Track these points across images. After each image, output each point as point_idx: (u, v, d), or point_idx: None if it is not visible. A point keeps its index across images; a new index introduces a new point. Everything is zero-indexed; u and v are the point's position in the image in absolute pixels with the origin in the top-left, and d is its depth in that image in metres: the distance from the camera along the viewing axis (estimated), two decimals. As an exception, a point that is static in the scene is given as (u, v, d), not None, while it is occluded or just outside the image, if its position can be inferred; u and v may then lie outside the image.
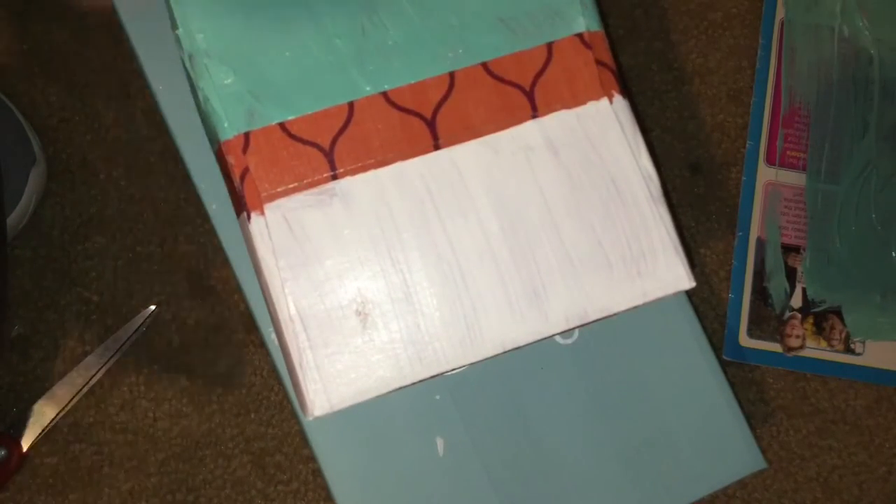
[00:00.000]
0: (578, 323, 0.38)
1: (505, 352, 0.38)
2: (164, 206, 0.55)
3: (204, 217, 0.54)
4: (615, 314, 0.39)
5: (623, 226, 0.39)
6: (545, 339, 0.39)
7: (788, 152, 0.56)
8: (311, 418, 0.37)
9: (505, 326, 0.38)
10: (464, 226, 0.38)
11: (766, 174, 0.56)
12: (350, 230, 0.38)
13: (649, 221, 0.39)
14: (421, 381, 0.38)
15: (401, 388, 0.38)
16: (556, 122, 0.39)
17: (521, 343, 0.38)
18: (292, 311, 0.37)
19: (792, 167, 0.56)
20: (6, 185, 0.51)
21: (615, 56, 0.56)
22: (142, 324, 0.54)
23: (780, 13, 0.57)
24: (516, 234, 0.38)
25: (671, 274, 0.39)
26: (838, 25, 0.56)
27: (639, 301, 0.39)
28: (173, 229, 0.55)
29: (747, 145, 0.57)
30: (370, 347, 0.37)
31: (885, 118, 0.55)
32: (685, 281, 0.39)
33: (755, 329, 0.55)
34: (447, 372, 0.38)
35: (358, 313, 0.37)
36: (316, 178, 0.38)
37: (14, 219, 0.51)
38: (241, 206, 0.38)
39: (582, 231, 0.39)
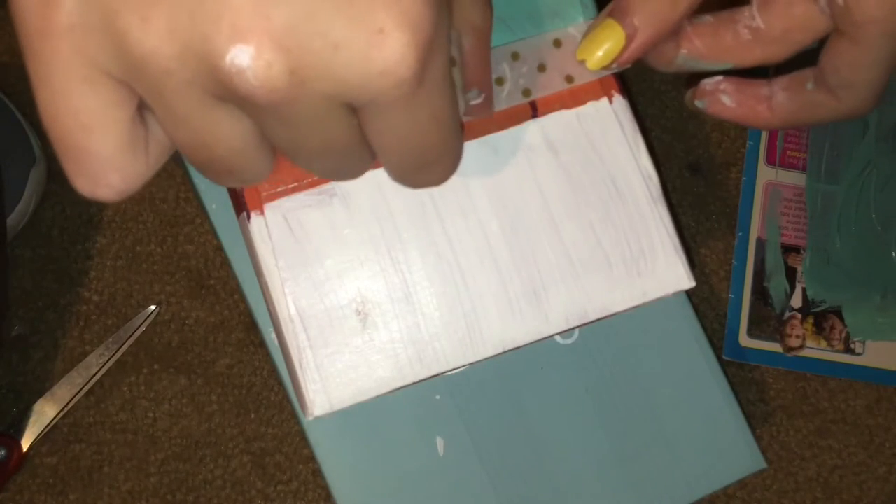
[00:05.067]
0: (578, 323, 0.38)
1: (505, 352, 0.38)
2: (164, 206, 0.55)
3: (204, 217, 0.54)
4: (615, 314, 0.39)
5: (623, 225, 0.39)
6: (545, 339, 0.39)
7: (788, 152, 0.56)
8: (310, 418, 0.37)
9: (505, 326, 0.38)
10: (463, 225, 0.38)
11: (766, 174, 0.56)
12: (350, 230, 0.38)
13: (649, 221, 0.39)
14: (421, 380, 0.38)
15: (401, 389, 0.38)
16: (556, 122, 0.39)
17: (521, 343, 0.38)
18: (292, 310, 0.37)
19: (792, 167, 0.56)
20: (6, 185, 0.51)
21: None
22: (142, 324, 0.54)
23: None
24: (516, 234, 0.38)
25: (671, 274, 0.39)
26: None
27: (638, 301, 0.39)
28: (173, 229, 0.55)
29: (747, 145, 0.57)
30: (370, 347, 0.37)
31: (885, 118, 0.55)
32: (685, 281, 0.39)
33: (755, 329, 0.55)
34: (447, 372, 0.38)
35: (358, 313, 0.37)
36: (316, 178, 0.38)
37: (14, 219, 0.51)
38: (241, 206, 0.38)
39: (582, 231, 0.39)
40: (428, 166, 0.30)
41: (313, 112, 0.25)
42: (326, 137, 0.27)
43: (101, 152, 0.27)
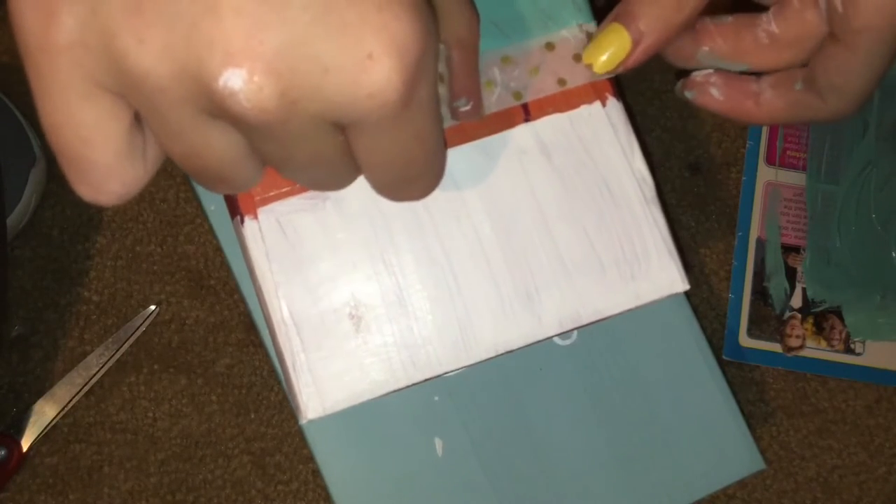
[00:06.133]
0: (571, 326, 0.38)
1: (498, 355, 0.38)
2: (164, 205, 0.55)
3: (204, 217, 0.55)
4: (608, 317, 0.39)
5: (616, 228, 0.39)
6: (539, 342, 0.39)
7: (788, 152, 0.56)
8: (304, 421, 0.37)
9: (498, 329, 0.38)
10: (457, 229, 0.38)
11: (766, 174, 0.56)
12: (343, 234, 0.38)
13: (642, 224, 0.39)
14: (414, 384, 0.38)
15: (395, 392, 0.38)
16: (549, 126, 0.39)
17: (514, 346, 0.38)
18: (285, 314, 0.37)
19: (792, 167, 0.56)
20: (6, 185, 0.51)
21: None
22: (142, 324, 0.54)
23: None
24: (509, 237, 0.38)
25: (665, 276, 0.39)
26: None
27: (632, 304, 0.39)
28: (173, 229, 0.55)
29: (747, 145, 0.56)
30: (363, 351, 0.37)
31: (885, 118, 0.54)
32: (678, 283, 0.39)
33: (755, 329, 0.55)
34: (440, 375, 0.38)
35: (351, 316, 0.37)
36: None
37: (14, 219, 0.52)
38: (235, 210, 0.38)
39: (575, 234, 0.39)
40: (410, 182, 0.31)
41: (302, 130, 0.27)
42: (313, 153, 0.28)
43: (101, 162, 0.28)
